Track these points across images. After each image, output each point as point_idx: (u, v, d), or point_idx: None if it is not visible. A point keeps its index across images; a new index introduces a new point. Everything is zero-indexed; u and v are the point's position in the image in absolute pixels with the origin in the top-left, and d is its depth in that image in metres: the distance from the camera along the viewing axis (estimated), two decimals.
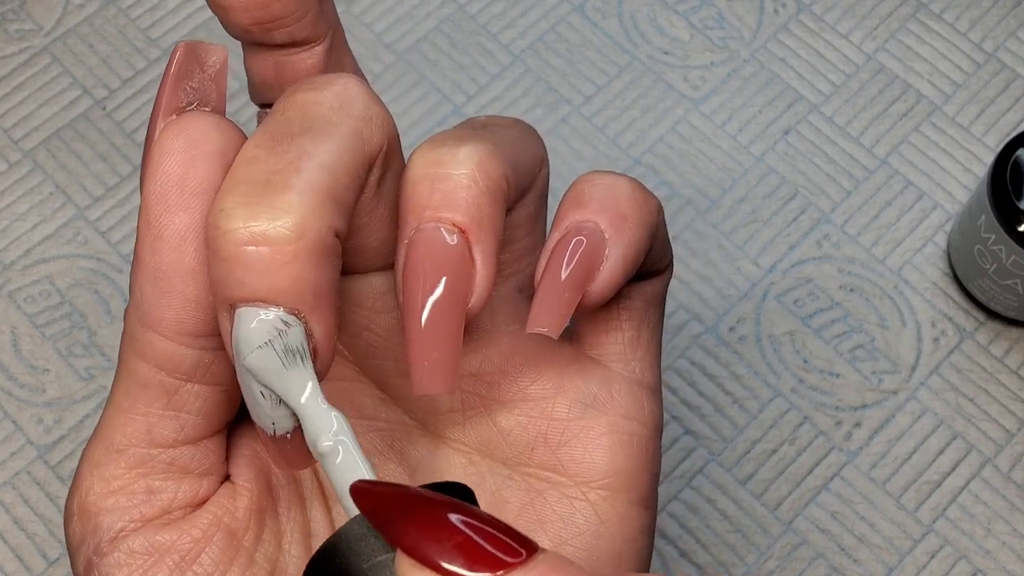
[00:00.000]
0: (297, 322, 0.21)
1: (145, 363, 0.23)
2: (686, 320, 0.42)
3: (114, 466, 0.24)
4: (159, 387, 0.23)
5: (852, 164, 0.44)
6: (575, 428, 0.26)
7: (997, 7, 0.47)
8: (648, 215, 0.25)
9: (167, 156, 0.22)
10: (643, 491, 0.26)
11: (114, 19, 0.46)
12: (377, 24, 0.47)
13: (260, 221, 0.21)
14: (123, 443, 0.24)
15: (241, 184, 0.21)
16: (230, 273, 0.21)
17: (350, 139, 0.22)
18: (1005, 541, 0.39)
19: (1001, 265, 0.39)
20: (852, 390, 0.41)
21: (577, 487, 0.26)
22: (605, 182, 0.25)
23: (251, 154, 0.22)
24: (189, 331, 0.22)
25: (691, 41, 0.47)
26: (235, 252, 0.21)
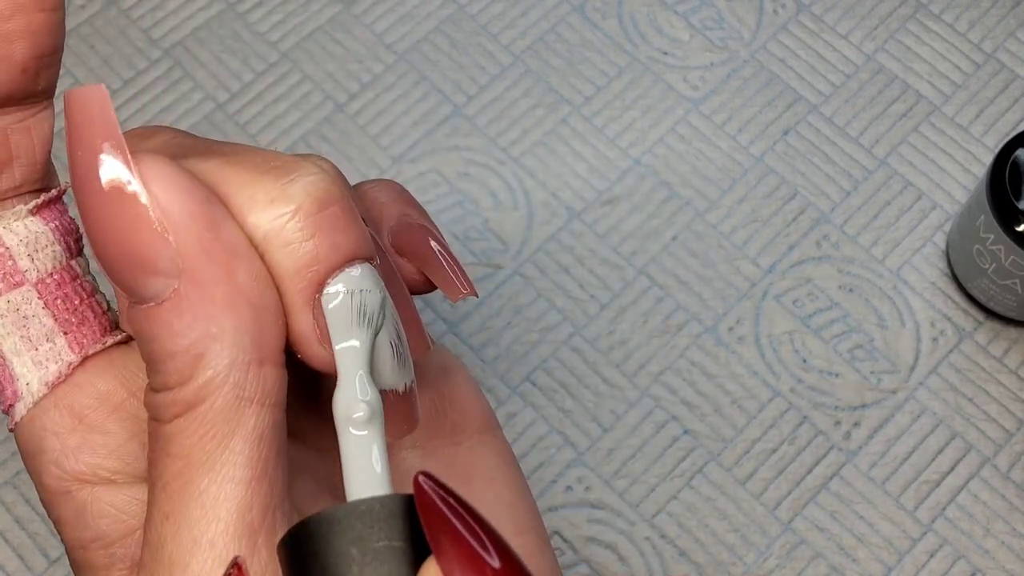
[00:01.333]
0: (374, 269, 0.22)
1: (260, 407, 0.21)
2: (685, 320, 0.42)
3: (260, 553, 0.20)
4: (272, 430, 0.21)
5: (851, 164, 0.45)
6: (446, 389, 0.28)
7: (996, 7, 0.47)
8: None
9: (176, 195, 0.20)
10: (498, 423, 0.30)
11: (115, 20, 0.47)
12: (377, 24, 0.47)
13: (310, 186, 0.21)
14: (259, 518, 0.21)
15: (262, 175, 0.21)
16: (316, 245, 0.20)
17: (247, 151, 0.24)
18: (1004, 540, 0.39)
19: (1000, 265, 0.39)
20: (851, 390, 0.41)
21: (475, 436, 0.28)
22: (384, 184, 0.28)
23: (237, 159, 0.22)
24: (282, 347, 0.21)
25: (691, 42, 0.47)
26: (312, 223, 0.21)
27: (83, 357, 0.23)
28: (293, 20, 0.47)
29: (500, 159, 0.44)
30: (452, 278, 0.27)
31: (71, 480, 0.23)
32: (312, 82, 0.46)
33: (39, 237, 0.23)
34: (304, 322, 0.21)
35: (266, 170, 0.21)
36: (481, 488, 0.27)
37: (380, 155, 0.44)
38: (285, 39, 0.46)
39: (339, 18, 0.47)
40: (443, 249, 0.27)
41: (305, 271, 0.21)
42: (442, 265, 0.26)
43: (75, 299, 0.23)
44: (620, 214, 0.44)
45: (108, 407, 0.23)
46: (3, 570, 0.38)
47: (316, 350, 0.21)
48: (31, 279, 0.23)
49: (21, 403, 0.23)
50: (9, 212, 0.23)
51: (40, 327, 0.23)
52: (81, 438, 0.23)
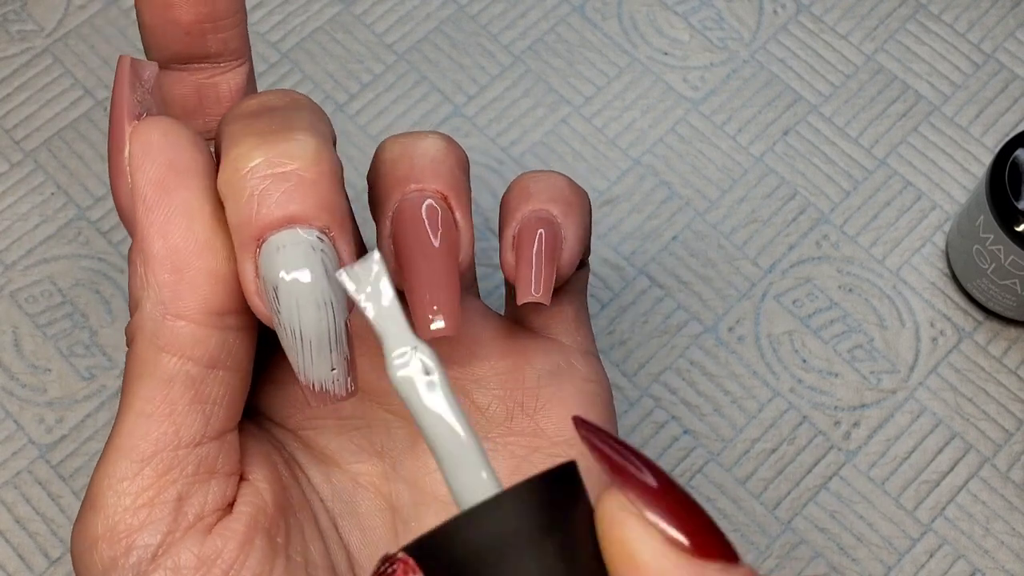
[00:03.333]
0: (329, 242, 0.22)
1: (171, 356, 0.23)
2: (685, 320, 0.42)
3: (141, 477, 0.23)
4: (185, 379, 0.23)
5: (851, 164, 0.45)
6: (547, 394, 0.28)
7: (996, 8, 0.47)
8: (587, 203, 0.29)
9: (151, 148, 0.23)
10: None
11: (116, 20, 0.47)
12: (378, 25, 0.47)
13: (281, 152, 0.22)
14: (150, 450, 0.23)
15: (249, 136, 0.22)
16: (260, 204, 0.22)
17: (316, 113, 0.24)
18: (1003, 540, 0.39)
19: (1000, 265, 0.39)
20: (851, 390, 0.41)
21: (557, 447, 0.28)
22: (545, 177, 0.28)
23: (242, 122, 0.23)
24: (215, 308, 0.23)
25: (691, 42, 0.47)
26: (262, 183, 0.22)
27: None
28: (293, 20, 0.47)
29: (500, 159, 0.44)
30: (530, 278, 0.27)
31: None
32: (312, 82, 0.46)
33: None
34: (245, 273, 0.22)
35: (253, 131, 0.23)
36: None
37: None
38: (285, 39, 0.46)
39: (339, 18, 0.47)
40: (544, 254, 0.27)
41: (245, 225, 0.22)
42: (529, 264, 0.27)
43: None
44: (620, 214, 0.44)
45: None
46: (4, 570, 0.38)
47: (255, 302, 0.23)
48: None
49: None
50: None
51: None
52: None
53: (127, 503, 0.23)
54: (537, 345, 0.29)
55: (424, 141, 0.26)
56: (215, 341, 0.23)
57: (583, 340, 0.30)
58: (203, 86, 0.26)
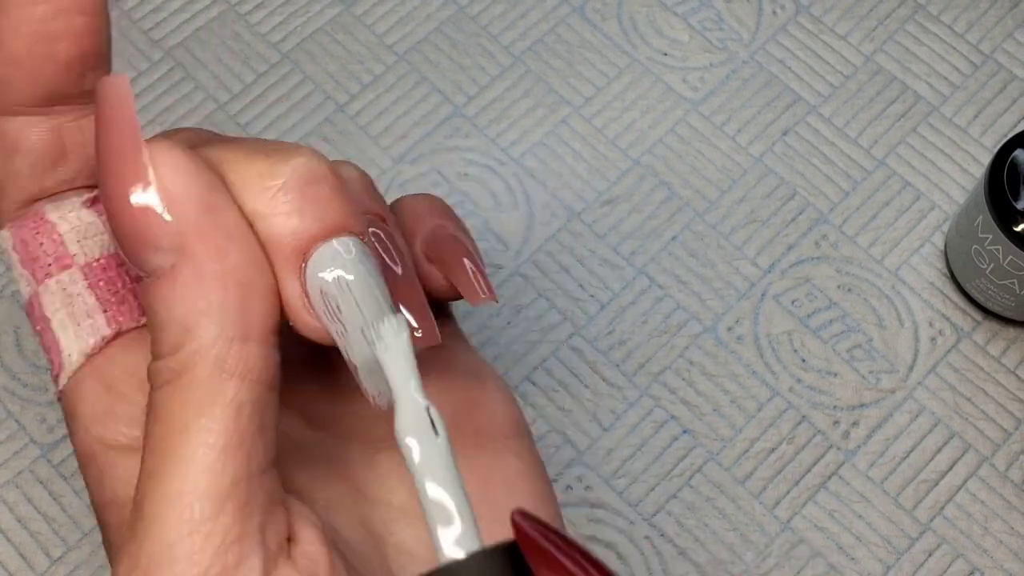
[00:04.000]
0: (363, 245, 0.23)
1: (240, 380, 0.22)
2: (685, 320, 0.42)
3: (224, 515, 0.21)
4: (253, 404, 0.22)
5: (850, 165, 0.45)
6: (476, 393, 0.28)
7: (995, 8, 0.47)
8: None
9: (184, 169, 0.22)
10: (529, 431, 0.30)
11: (117, 21, 0.47)
12: (378, 25, 0.47)
13: (302, 165, 0.22)
14: (226, 485, 0.21)
15: (255, 153, 0.22)
16: (301, 217, 0.22)
17: None
18: (1002, 539, 0.39)
19: (998, 265, 0.39)
20: (850, 389, 0.41)
21: (499, 441, 0.28)
22: (424, 197, 0.29)
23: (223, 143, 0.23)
24: (274, 327, 0.22)
25: (690, 42, 0.47)
26: (297, 195, 0.22)
27: (117, 332, 0.25)
28: (294, 21, 0.47)
29: (500, 159, 0.45)
30: (473, 282, 0.27)
31: (95, 443, 0.24)
32: (313, 83, 0.46)
33: (89, 227, 0.25)
34: (291, 290, 0.22)
35: (259, 151, 0.22)
36: (501, 493, 0.27)
37: (381, 155, 0.45)
38: (286, 40, 0.47)
39: (340, 19, 0.47)
40: (471, 258, 0.28)
41: (290, 240, 0.22)
42: (466, 271, 0.27)
43: (117, 282, 0.25)
44: (620, 214, 0.44)
45: (136, 379, 0.24)
46: (5, 569, 0.39)
47: (305, 319, 0.22)
48: (79, 263, 0.25)
49: (64, 372, 0.25)
50: (65, 203, 0.25)
51: (83, 305, 0.25)
52: (108, 406, 0.24)
53: (216, 542, 0.21)
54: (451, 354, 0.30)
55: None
56: (275, 361, 0.22)
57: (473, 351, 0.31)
58: (67, 130, 0.24)
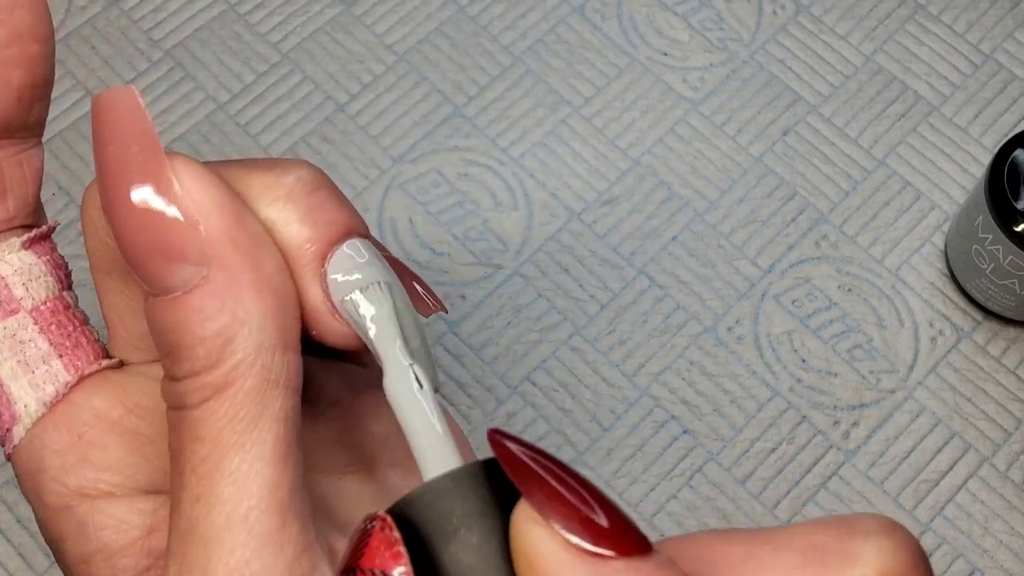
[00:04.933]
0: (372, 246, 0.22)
1: (283, 390, 0.21)
2: (685, 320, 0.42)
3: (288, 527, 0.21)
4: (294, 412, 0.21)
5: (850, 165, 0.45)
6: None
7: (995, 8, 0.47)
8: None
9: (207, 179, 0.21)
10: None
11: (116, 20, 0.47)
12: (378, 26, 0.47)
13: (301, 173, 0.22)
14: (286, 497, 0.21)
15: (255, 168, 0.22)
16: (316, 221, 0.21)
17: None
18: (1002, 539, 0.39)
19: (998, 265, 0.39)
20: (850, 389, 0.41)
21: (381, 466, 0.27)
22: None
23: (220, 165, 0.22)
24: (300, 334, 0.22)
25: (690, 42, 0.47)
26: (307, 201, 0.22)
27: (79, 377, 0.23)
28: (294, 21, 0.47)
29: (500, 159, 0.45)
30: (423, 297, 0.26)
31: (72, 495, 0.23)
32: (313, 83, 0.46)
33: (32, 268, 0.24)
34: (315, 296, 0.22)
35: (256, 166, 0.22)
36: None
37: (381, 155, 0.45)
38: (286, 40, 0.47)
39: (340, 19, 0.47)
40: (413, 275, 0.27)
41: (307, 246, 0.22)
42: (414, 288, 0.26)
43: (68, 326, 0.24)
44: (620, 214, 0.44)
45: (106, 423, 0.23)
46: (5, 569, 0.38)
47: (330, 322, 0.22)
48: (26, 307, 0.24)
49: (19, 425, 0.23)
50: (4, 244, 0.24)
51: (36, 351, 0.23)
52: (80, 454, 0.23)
53: (289, 554, 0.21)
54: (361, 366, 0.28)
55: None
56: (303, 368, 0.22)
57: None
58: (7, 165, 0.23)
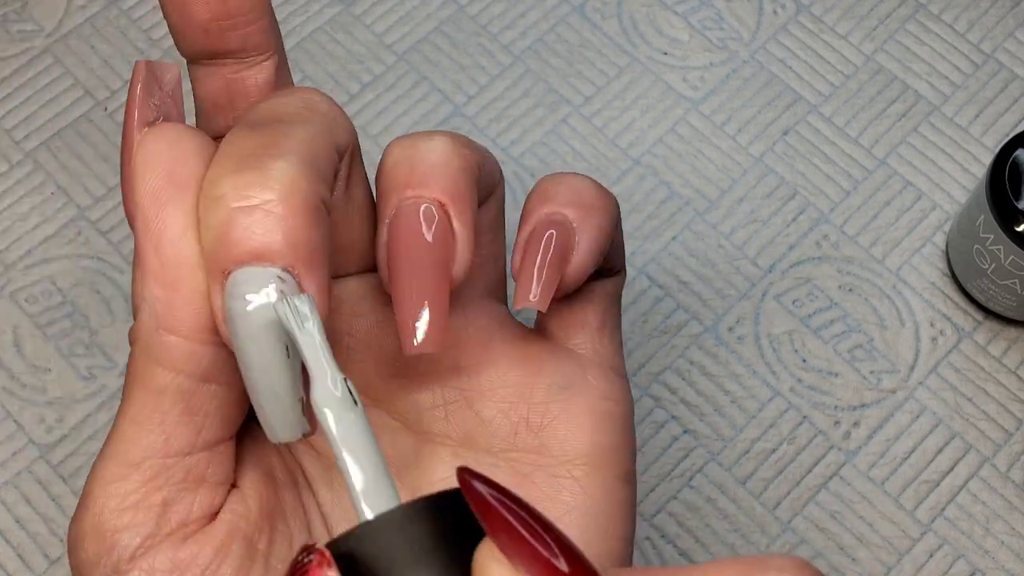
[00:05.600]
0: (292, 279, 0.22)
1: (163, 368, 0.23)
2: (685, 320, 0.42)
3: (128, 481, 0.23)
4: (176, 391, 0.23)
5: (851, 164, 0.45)
6: (555, 409, 0.27)
7: (995, 8, 0.47)
8: (610, 208, 0.27)
9: (153, 157, 0.23)
10: (624, 466, 0.28)
11: (116, 20, 0.47)
12: (377, 25, 0.47)
13: (250, 184, 0.22)
14: (139, 456, 0.23)
15: (229, 158, 0.22)
16: (223, 236, 0.21)
17: (321, 126, 0.23)
18: (1004, 540, 0.39)
19: (1000, 265, 0.39)
20: (851, 389, 0.41)
21: (562, 466, 0.27)
22: (568, 179, 0.27)
23: (233, 138, 0.23)
24: (205, 326, 0.23)
25: (690, 42, 0.47)
26: (227, 216, 0.21)
27: None
28: (293, 21, 0.47)
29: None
30: (529, 282, 0.26)
31: None
32: (312, 82, 0.46)
33: None
34: (215, 300, 0.22)
35: (236, 152, 0.22)
36: None
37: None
38: (285, 40, 0.46)
39: (339, 19, 0.47)
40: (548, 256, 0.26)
41: (211, 255, 0.22)
42: (530, 267, 0.26)
43: None
44: None
45: None
46: (4, 569, 0.38)
47: (221, 328, 0.23)
48: None
49: None
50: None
51: None
52: None
53: (114, 504, 0.23)
54: (552, 357, 0.28)
55: (428, 143, 0.25)
56: (208, 356, 0.23)
57: (607, 353, 0.29)
58: (231, 81, 0.26)
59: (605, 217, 0.27)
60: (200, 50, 0.25)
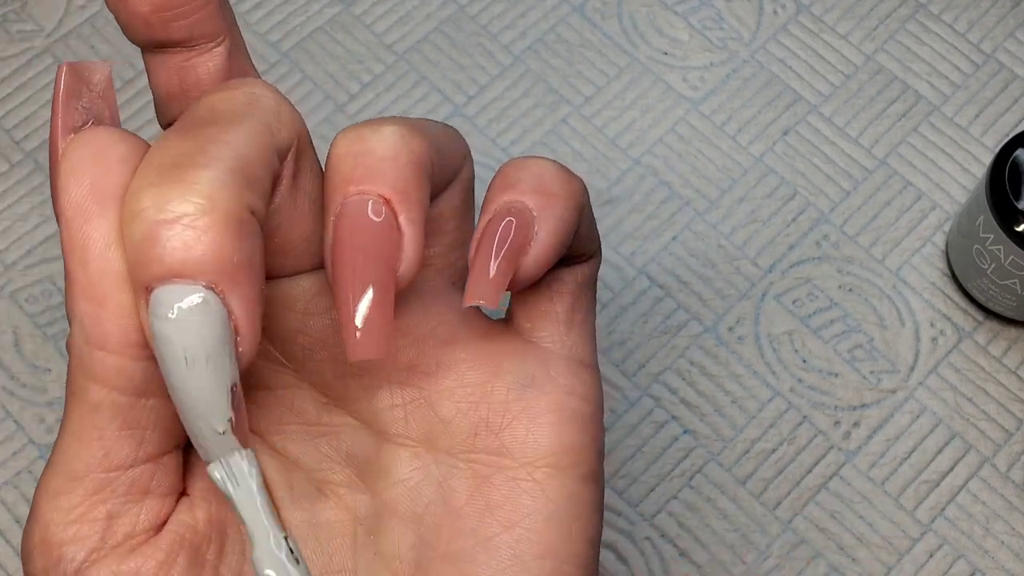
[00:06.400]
0: (215, 296, 0.21)
1: (96, 384, 0.22)
2: (685, 320, 0.42)
3: (73, 495, 0.23)
4: (112, 406, 0.23)
5: (851, 164, 0.45)
6: (516, 409, 0.26)
7: (996, 8, 0.47)
8: (575, 194, 0.26)
9: (77, 167, 0.22)
10: (589, 466, 0.27)
11: (114, 20, 0.47)
12: (377, 25, 0.47)
13: (170, 198, 0.21)
14: (81, 470, 0.23)
15: (151, 168, 0.21)
16: (144, 252, 0.21)
17: (258, 127, 0.22)
18: (1003, 540, 0.39)
19: (999, 265, 0.39)
20: (851, 390, 0.41)
21: (522, 468, 0.26)
22: (530, 164, 0.26)
23: (160, 144, 0.22)
24: (135, 341, 0.22)
25: (690, 42, 0.47)
26: (147, 231, 0.21)
27: None
28: (294, 20, 0.47)
29: (500, 159, 0.44)
30: (479, 279, 0.25)
31: None
32: (312, 82, 0.46)
33: None
34: (142, 316, 0.22)
35: (159, 160, 0.22)
36: (495, 527, 0.26)
37: None
38: (286, 39, 0.46)
39: (339, 18, 0.47)
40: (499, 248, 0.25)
41: (132, 271, 0.21)
42: (484, 258, 0.25)
43: None
44: (620, 214, 0.44)
45: None
46: (4, 569, 0.38)
47: (150, 344, 0.22)
48: None
49: None
50: None
51: None
52: None
53: (59, 518, 0.23)
54: (515, 353, 0.27)
55: (375, 135, 0.24)
56: (141, 371, 0.22)
57: (575, 345, 0.27)
58: (182, 70, 0.25)
59: (568, 205, 0.26)
60: (146, 41, 0.25)
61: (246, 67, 0.26)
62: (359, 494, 0.27)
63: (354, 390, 0.26)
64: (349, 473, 0.27)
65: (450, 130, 0.26)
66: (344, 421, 0.27)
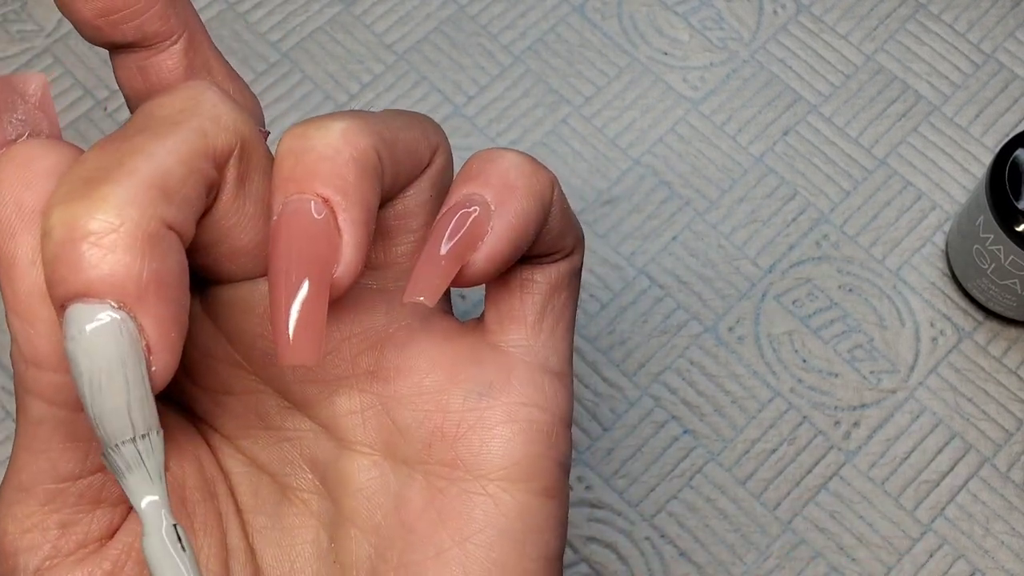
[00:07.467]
0: (125, 315, 0.20)
1: (36, 399, 0.22)
2: (685, 320, 0.42)
3: (25, 504, 0.23)
4: (53, 421, 0.22)
5: (851, 164, 0.45)
6: (471, 419, 0.25)
7: (996, 8, 0.47)
8: (538, 187, 0.24)
9: (3, 183, 0.21)
10: (547, 480, 0.25)
11: None
12: (377, 25, 0.47)
13: (78, 215, 0.20)
14: (31, 481, 0.23)
15: (65, 184, 0.21)
16: (54, 271, 0.20)
17: (188, 134, 0.21)
18: (1003, 540, 0.39)
19: (999, 265, 0.39)
20: (851, 390, 0.41)
21: (476, 480, 0.25)
22: (495, 156, 0.24)
23: (83, 157, 0.22)
24: (51, 355, 0.22)
25: (690, 42, 0.47)
26: (56, 250, 0.20)
27: None
28: (294, 20, 0.47)
29: None
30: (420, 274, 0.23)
31: None
32: (312, 82, 0.46)
33: None
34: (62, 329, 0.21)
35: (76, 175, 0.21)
36: (446, 541, 0.25)
37: None
38: (286, 39, 0.46)
39: (339, 18, 0.47)
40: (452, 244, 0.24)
41: (49, 290, 0.21)
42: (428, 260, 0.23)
43: None
44: (620, 214, 0.44)
45: None
46: None
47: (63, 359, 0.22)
48: None
49: None
50: None
51: None
52: None
53: (13, 527, 0.24)
54: (474, 359, 0.25)
55: (318, 131, 0.23)
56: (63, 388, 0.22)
57: (542, 350, 0.26)
58: (143, 68, 0.25)
59: (530, 198, 0.24)
60: (102, 42, 0.25)
61: (211, 63, 0.26)
62: (324, 500, 0.26)
63: (314, 395, 0.26)
64: (313, 479, 0.26)
65: (420, 121, 0.25)
66: (307, 426, 0.26)
